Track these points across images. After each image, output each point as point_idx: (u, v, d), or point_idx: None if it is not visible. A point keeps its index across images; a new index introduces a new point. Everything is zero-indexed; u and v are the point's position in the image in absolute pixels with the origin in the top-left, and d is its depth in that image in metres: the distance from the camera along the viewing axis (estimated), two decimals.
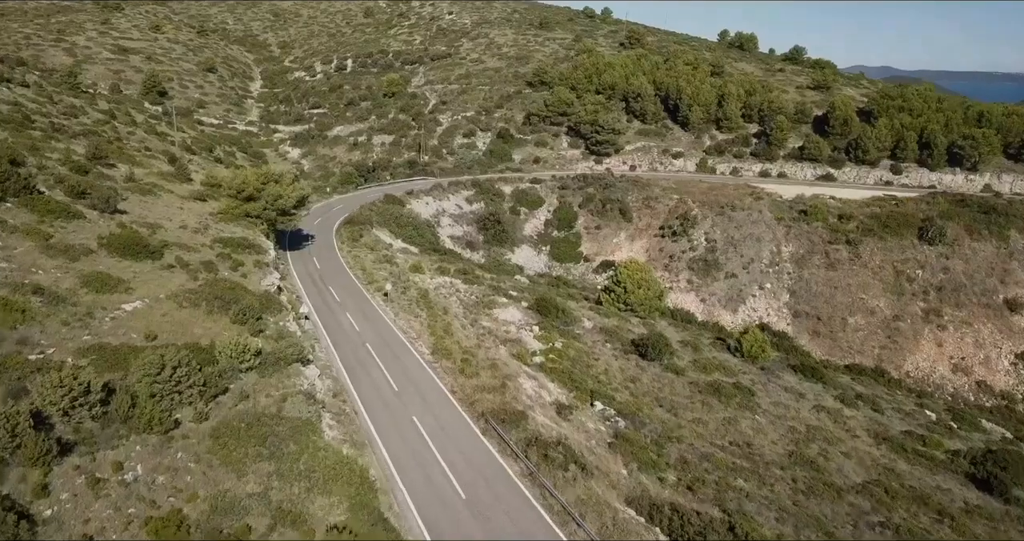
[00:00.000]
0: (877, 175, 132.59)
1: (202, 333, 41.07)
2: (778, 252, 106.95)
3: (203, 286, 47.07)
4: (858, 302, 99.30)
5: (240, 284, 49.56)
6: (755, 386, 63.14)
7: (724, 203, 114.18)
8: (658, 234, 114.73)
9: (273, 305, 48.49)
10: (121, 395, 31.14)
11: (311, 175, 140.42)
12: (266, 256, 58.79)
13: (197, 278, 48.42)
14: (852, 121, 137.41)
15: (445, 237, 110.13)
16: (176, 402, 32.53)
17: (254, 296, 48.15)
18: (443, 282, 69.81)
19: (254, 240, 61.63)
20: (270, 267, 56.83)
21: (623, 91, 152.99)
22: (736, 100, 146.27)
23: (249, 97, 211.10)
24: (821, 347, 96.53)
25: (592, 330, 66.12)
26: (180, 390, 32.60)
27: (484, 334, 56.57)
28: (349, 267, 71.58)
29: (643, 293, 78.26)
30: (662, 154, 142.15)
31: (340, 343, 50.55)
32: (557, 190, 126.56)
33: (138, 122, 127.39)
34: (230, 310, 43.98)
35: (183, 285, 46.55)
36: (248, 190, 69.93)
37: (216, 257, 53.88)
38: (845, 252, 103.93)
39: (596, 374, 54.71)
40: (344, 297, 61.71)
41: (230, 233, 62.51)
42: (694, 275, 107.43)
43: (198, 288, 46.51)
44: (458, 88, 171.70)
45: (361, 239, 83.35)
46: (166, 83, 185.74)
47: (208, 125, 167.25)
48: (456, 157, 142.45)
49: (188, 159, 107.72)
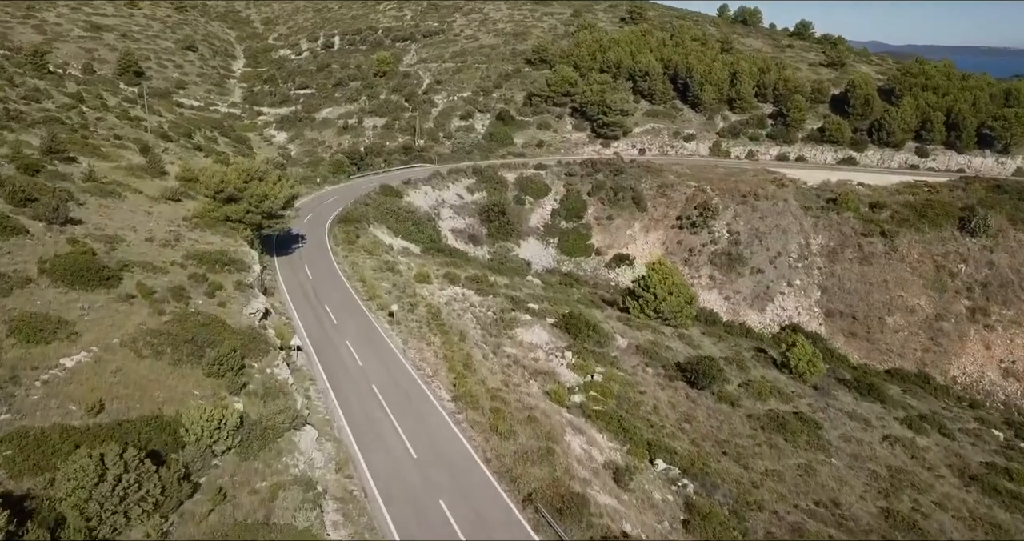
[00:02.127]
0: (902, 158, 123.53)
1: (166, 396, 31.43)
2: (807, 245, 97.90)
3: (170, 324, 37.31)
4: (896, 300, 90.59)
5: (217, 317, 39.80)
6: (815, 413, 54.74)
7: (746, 191, 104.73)
8: (675, 225, 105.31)
9: (258, 344, 38.80)
10: (39, 520, 21.66)
11: (299, 161, 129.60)
12: (249, 273, 48.86)
13: (163, 312, 38.62)
14: (874, 100, 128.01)
15: (446, 231, 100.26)
16: (122, 524, 23.03)
17: (234, 334, 38.42)
18: (454, 294, 60.26)
19: (235, 253, 51.65)
20: (254, 289, 46.95)
21: (629, 69, 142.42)
22: (750, 78, 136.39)
23: (231, 77, 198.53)
24: (858, 349, 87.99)
25: (627, 349, 56.95)
26: (128, 507, 23.08)
27: (510, 365, 47.21)
28: (346, 277, 61.75)
29: (675, 300, 69.16)
30: (673, 137, 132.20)
31: (341, 386, 41.03)
32: (564, 177, 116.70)
33: (110, 106, 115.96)
34: (204, 358, 34.37)
35: (144, 323, 36.77)
36: (228, 190, 59.67)
37: (189, 279, 44.01)
38: (880, 245, 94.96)
39: (646, 413, 45.57)
40: (343, 318, 52.05)
41: (206, 244, 52.50)
42: (716, 270, 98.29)
43: (164, 327, 36.75)
44: (453, 67, 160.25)
45: (358, 240, 73.45)
46: (143, 62, 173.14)
47: (188, 108, 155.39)
48: (454, 141, 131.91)
49: (163, 148, 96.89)
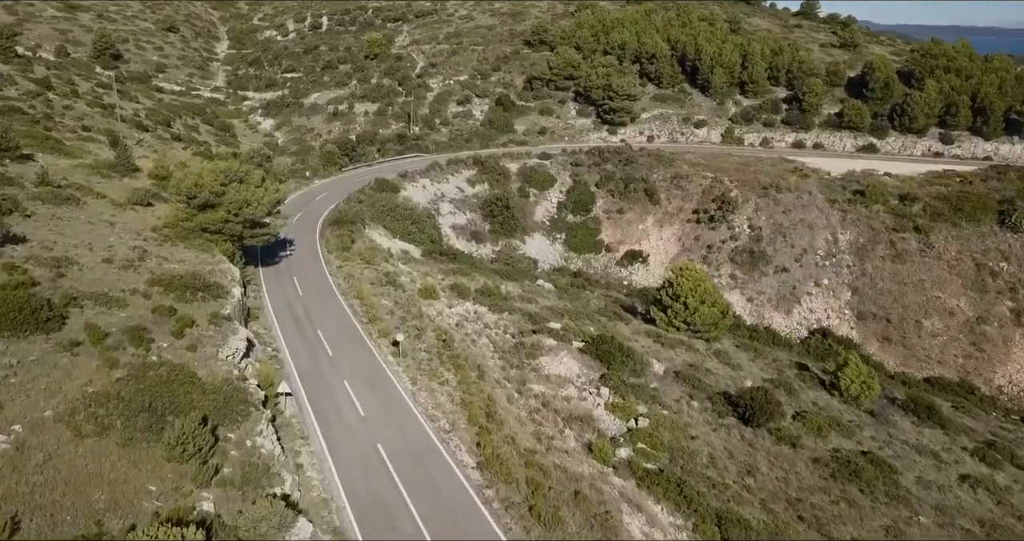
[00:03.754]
0: (925, 145, 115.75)
1: (110, 498, 23.47)
2: (834, 241, 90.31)
3: (124, 382, 29.29)
4: (933, 301, 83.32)
5: (185, 368, 31.78)
6: (882, 449, 47.47)
7: (767, 183, 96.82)
8: (691, 219, 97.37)
9: (236, 404, 30.84)
10: None
11: (286, 150, 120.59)
12: (228, 301, 40.65)
13: (116, 364, 30.55)
14: (894, 84, 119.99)
15: (447, 228, 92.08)
16: None
17: (206, 393, 30.46)
18: (465, 312, 52.39)
19: (210, 274, 43.42)
20: (233, 322, 38.82)
21: (634, 51, 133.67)
22: (762, 60, 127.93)
23: (215, 59, 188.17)
24: (893, 356, 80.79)
25: (666, 377, 49.35)
26: None
27: (539, 409, 39.50)
28: (341, 293, 53.65)
29: (708, 311, 61.52)
30: (682, 123, 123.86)
31: (340, 448, 33.14)
32: (569, 167, 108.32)
33: (81, 92, 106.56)
34: (165, 433, 26.43)
35: (90, 384, 28.74)
36: (203, 194, 51.29)
37: (152, 314, 35.87)
38: (914, 241, 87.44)
39: (702, 467, 38.03)
40: (339, 348, 44.07)
41: (177, 263, 44.23)
42: (737, 269, 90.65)
43: (115, 388, 28.73)
44: (448, 48, 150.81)
45: (353, 245, 65.22)
46: (120, 45, 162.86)
47: (168, 92, 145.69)
48: (451, 128, 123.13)
49: (138, 139, 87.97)
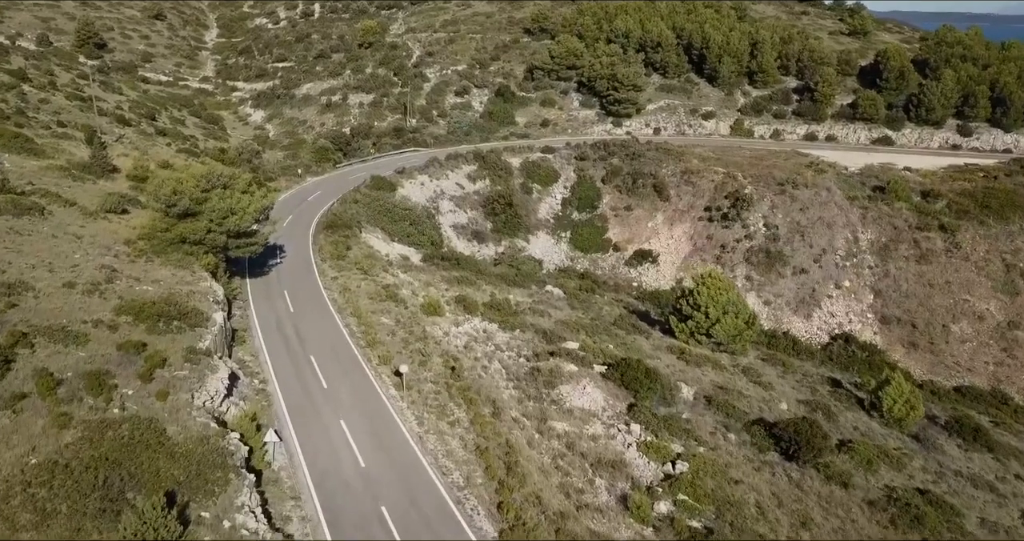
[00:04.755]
0: (942, 137, 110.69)
1: None
2: (855, 240, 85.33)
3: (76, 447, 24.09)
4: (961, 304, 78.51)
5: (153, 423, 26.57)
6: (936, 484, 42.62)
7: (782, 178, 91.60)
8: (703, 217, 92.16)
9: (213, 470, 25.65)
10: None
11: (277, 143, 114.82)
12: (207, 330, 35.33)
13: (69, 424, 25.32)
14: (909, 73, 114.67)
15: (447, 228, 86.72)
16: None
17: (176, 457, 25.28)
18: (472, 331, 47.23)
19: (189, 297, 38.07)
20: (212, 357, 33.54)
21: (639, 39, 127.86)
22: (771, 49, 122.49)
23: (203, 48, 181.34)
24: (920, 363, 76.04)
25: (696, 404, 44.35)
26: None
27: (564, 453, 34.45)
28: (337, 309, 48.37)
29: (732, 322, 56.53)
30: (690, 114, 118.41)
31: (337, 512, 28.00)
32: (574, 161, 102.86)
33: (59, 84, 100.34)
34: (121, 520, 21.27)
35: (34, 452, 23.50)
36: (183, 202, 45.87)
37: (118, 352, 30.61)
38: (939, 240, 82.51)
39: (752, 521, 33.13)
40: (335, 379, 38.88)
41: (150, 285, 38.85)
42: (753, 270, 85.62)
43: (65, 456, 23.52)
44: (445, 37, 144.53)
45: (348, 252, 59.88)
46: (105, 33, 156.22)
47: (155, 83, 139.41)
48: (449, 120, 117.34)
49: (118, 135, 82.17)
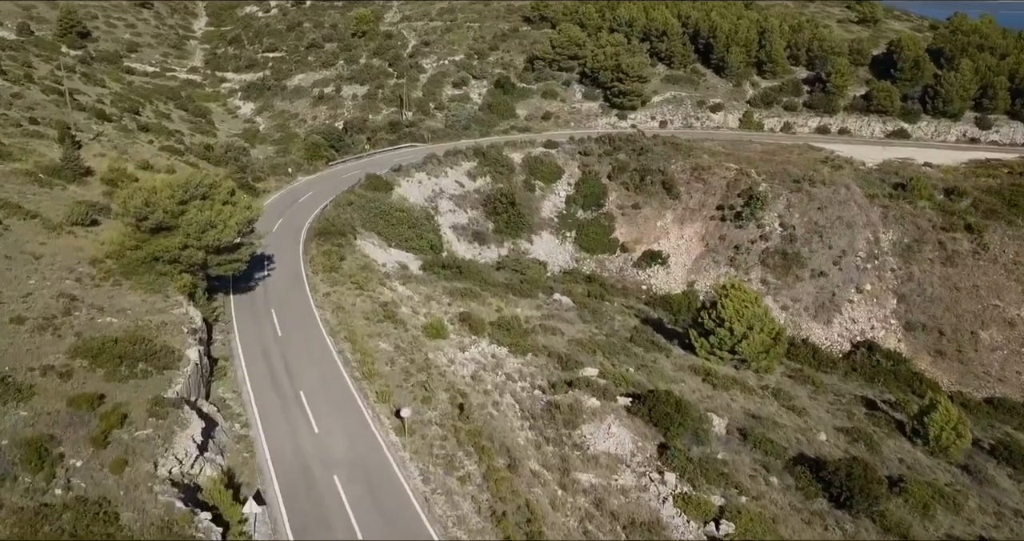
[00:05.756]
0: (960, 130, 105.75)
1: None
2: (876, 241, 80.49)
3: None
4: (991, 310, 73.80)
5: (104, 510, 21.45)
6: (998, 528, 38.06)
7: (798, 175, 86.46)
8: (715, 216, 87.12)
9: None
10: None
11: (268, 137, 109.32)
12: (179, 372, 30.18)
13: None
14: (924, 63, 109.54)
15: (447, 229, 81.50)
16: None
17: None
18: (480, 357, 42.21)
19: (158, 330, 32.89)
20: (183, 407, 28.40)
21: (643, 28, 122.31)
22: (780, 38, 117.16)
23: (192, 37, 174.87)
24: (948, 373, 71.44)
25: (731, 438, 39.47)
26: None
27: (592, 514, 29.62)
28: (330, 333, 43.21)
29: (759, 338, 51.71)
30: (697, 106, 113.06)
31: None
32: (578, 156, 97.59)
33: (37, 77, 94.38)
34: None
35: None
36: (157, 214, 40.58)
37: (69, 408, 25.49)
38: (965, 242, 77.68)
39: None
40: (328, 421, 33.76)
41: (115, 315, 33.65)
42: (769, 273, 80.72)
43: None
44: (441, 25, 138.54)
45: (342, 263, 54.67)
46: (88, 22, 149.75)
47: (140, 74, 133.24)
48: (447, 113, 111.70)
49: (96, 132, 76.51)
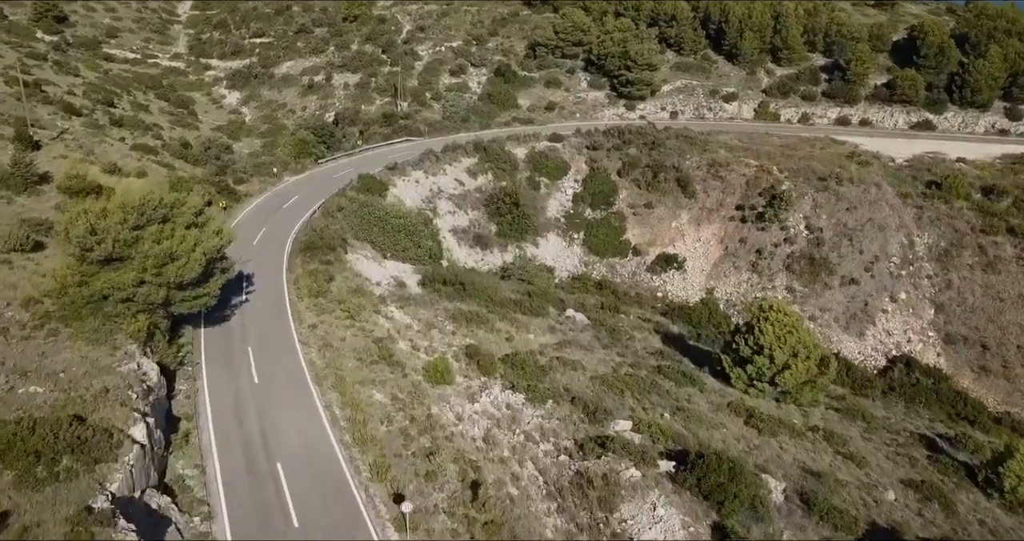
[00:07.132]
0: (988, 121, 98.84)
1: None
2: (910, 245, 73.85)
3: None
4: None
5: None
6: None
7: (823, 173, 79.47)
8: (735, 217, 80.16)
9: None
10: None
11: (254, 129, 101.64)
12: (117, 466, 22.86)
13: None
14: (949, 50, 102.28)
15: (446, 233, 74.39)
16: None
17: None
18: (493, 409, 35.43)
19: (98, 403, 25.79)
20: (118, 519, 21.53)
21: (650, 12, 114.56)
22: (796, 22, 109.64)
23: (176, 21, 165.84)
24: (993, 391, 65.10)
25: (792, 510, 32.95)
26: None
27: None
28: (316, 380, 36.28)
29: (804, 367, 45.02)
30: (709, 96, 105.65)
31: None
32: (585, 150, 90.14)
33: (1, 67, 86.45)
34: None
35: None
36: (106, 244, 33.41)
37: None
38: (1008, 246, 71.05)
39: None
40: (311, 512, 26.97)
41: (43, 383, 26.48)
42: (795, 280, 74.04)
43: None
44: (437, 10, 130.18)
45: (331, 285, 47.62)
46: (65, 5, 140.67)
47: (120, 61, 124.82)
48: (444, 104, 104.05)
49: (60, 129, 68.91)
